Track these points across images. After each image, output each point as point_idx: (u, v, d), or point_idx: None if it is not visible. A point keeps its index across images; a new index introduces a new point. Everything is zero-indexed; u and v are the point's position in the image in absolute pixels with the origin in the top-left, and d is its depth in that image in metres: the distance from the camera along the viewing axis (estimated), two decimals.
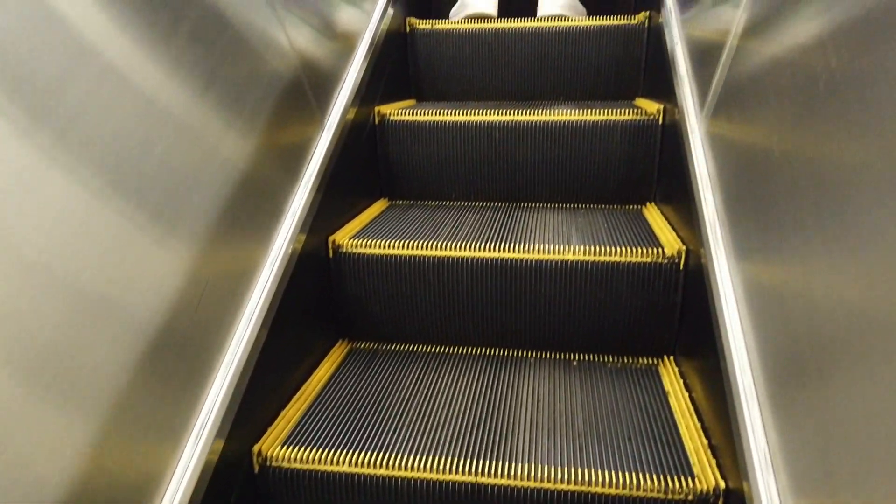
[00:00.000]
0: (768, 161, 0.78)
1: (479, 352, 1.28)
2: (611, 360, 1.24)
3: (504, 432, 1.01)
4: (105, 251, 0.67)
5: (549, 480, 0.89)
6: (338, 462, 0.94)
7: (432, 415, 1.06)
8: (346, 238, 1.27)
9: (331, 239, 1.26)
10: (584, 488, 0.88)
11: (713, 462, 0.89)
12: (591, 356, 1.25)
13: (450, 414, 1.06)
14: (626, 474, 0.89)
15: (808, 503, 0.61)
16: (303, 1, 1.25)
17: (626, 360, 1.23)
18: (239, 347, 0.91)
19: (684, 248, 1.14)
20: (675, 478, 0.88)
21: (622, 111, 1.48)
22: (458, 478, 0.91)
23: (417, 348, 1.30)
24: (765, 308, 0.77)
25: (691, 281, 1.11)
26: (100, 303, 0.66)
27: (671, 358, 1.21)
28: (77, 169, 0.64)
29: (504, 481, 0.90)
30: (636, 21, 1.76)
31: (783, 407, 0.69)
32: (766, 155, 0.79)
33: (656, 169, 1.49)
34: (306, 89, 1.22)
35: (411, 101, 1.90)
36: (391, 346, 1.31)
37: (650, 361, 1.23)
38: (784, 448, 0.67)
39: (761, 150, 0.81)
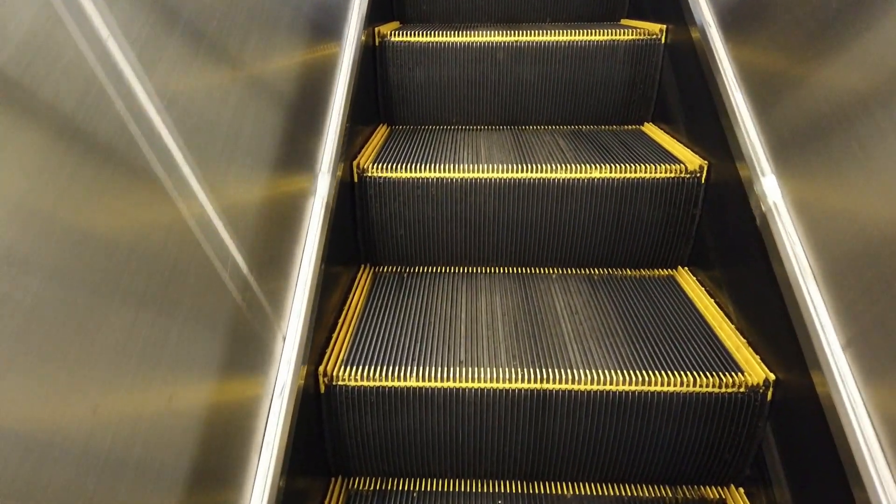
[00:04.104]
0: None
1: (504, 271, 1.32)
2: (629, 272, 1.30)
3: (555, 343, 1.05)
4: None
5: (610, 383, 0.95)
6: (404, 377, 0.97)
7: (479, 330, 1.10)
8: (368, 163, 1.26)
9: (354, 164, 1.25)
10: (643, 388, 0.95)
11: (757, 358, 0.97)
12: (611, 270, 1.31)
13: (496, 329, 1.10)
14: (681, 373, 0.96)
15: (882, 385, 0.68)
16: None
17: (643, 272, 1.30)
18: (308, 278, 0.91)
19: (706, 163, 1.20)
20: (727, 373, 0.95)
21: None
22: (524, 385, 0.96)
23: (444, 269, 1.32)
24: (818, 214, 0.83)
25: (713, 194, 1.17)
26: None
27: (686, 268, 1.29)
28: None
29: (567, 386, 0.95)
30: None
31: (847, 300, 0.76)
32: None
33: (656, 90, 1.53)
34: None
35: (396, 24, 1.85)
36: (417, 269, 1.33)
37: (666, 272, 1.30)
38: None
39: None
